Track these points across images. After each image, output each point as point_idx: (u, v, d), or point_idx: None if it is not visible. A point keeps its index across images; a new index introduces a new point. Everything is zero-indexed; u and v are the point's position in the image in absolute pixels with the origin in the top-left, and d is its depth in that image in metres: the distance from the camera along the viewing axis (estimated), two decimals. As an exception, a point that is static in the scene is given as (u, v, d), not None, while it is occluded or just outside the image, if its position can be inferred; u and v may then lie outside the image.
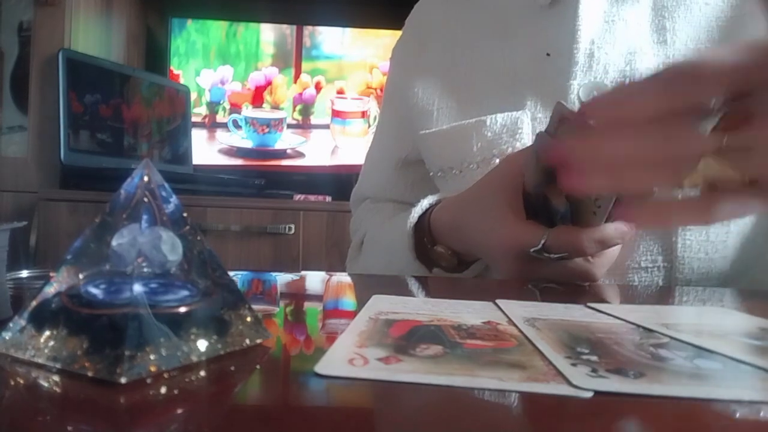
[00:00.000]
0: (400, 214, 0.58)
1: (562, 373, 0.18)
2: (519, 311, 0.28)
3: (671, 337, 0.24)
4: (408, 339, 0.22)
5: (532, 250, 0.43)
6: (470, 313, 0.28)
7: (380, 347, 0.21)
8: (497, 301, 0.31)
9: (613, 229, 0.41)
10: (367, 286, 0.45)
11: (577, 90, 0.53)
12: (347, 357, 0.20)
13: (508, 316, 0.27)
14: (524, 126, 0.54)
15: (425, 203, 0.54)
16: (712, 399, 0.17)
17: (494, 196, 0.46)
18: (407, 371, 0.19)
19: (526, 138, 0.54)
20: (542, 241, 0.42)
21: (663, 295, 0.46)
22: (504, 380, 0.18)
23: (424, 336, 0.23)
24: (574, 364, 0.19)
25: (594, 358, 0.20)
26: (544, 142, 0.42)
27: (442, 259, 0.52)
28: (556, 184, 0.42)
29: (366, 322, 0.25)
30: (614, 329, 0.25)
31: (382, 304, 0.29)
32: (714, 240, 0.49)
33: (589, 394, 0.17)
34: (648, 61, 0.52)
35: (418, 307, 0.29)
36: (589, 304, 0.31)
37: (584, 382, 0.18)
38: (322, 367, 0.19)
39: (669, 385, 0.18)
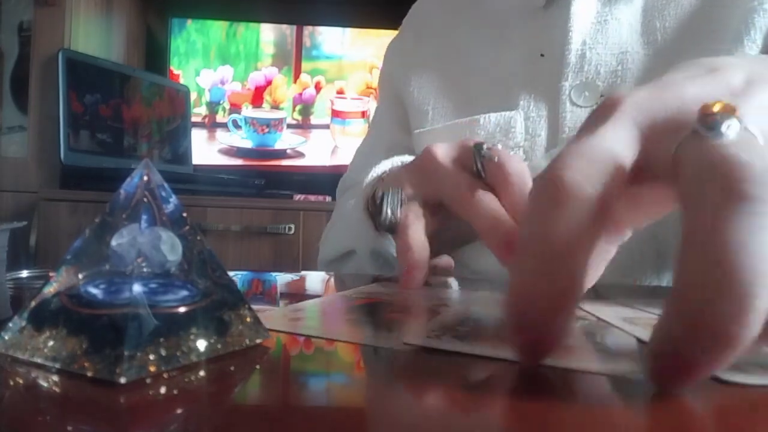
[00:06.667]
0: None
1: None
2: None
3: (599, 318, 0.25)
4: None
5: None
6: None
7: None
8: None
9: None
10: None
11: (569, 91, 0.53)
12: (426, 331, 0.22)
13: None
14: (517, 125, 0.54)
15: (379, 170, 0.50)
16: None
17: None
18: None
19: (519, 137, 0.54)
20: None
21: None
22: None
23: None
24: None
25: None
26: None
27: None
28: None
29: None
30: None
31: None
32: None
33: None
34: (639, 60, 0.52)
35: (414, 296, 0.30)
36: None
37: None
38: (411, 337, 0.21)
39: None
